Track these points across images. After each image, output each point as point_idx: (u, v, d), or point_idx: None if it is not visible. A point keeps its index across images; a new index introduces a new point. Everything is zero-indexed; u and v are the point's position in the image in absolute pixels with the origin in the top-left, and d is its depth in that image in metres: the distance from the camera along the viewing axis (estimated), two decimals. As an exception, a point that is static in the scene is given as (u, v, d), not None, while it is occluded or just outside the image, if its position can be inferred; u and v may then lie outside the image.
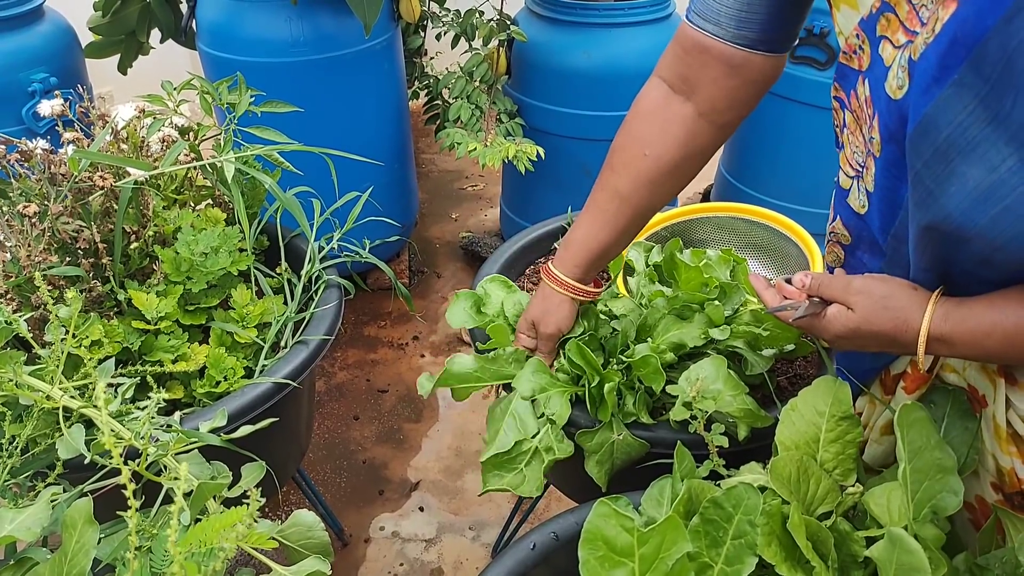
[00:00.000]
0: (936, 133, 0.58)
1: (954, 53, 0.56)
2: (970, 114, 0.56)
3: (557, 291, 1.04)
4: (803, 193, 2.28)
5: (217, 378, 1.14)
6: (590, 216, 1.00)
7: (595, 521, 0.67)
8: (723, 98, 0.87)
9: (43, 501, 0.77)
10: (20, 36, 2.10)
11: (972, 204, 0.58)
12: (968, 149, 0.57)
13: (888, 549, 0.64)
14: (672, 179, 0.94)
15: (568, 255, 1.03)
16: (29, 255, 1.06)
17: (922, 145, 0.60)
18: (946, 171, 0.59)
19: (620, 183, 0.95)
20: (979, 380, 0.75)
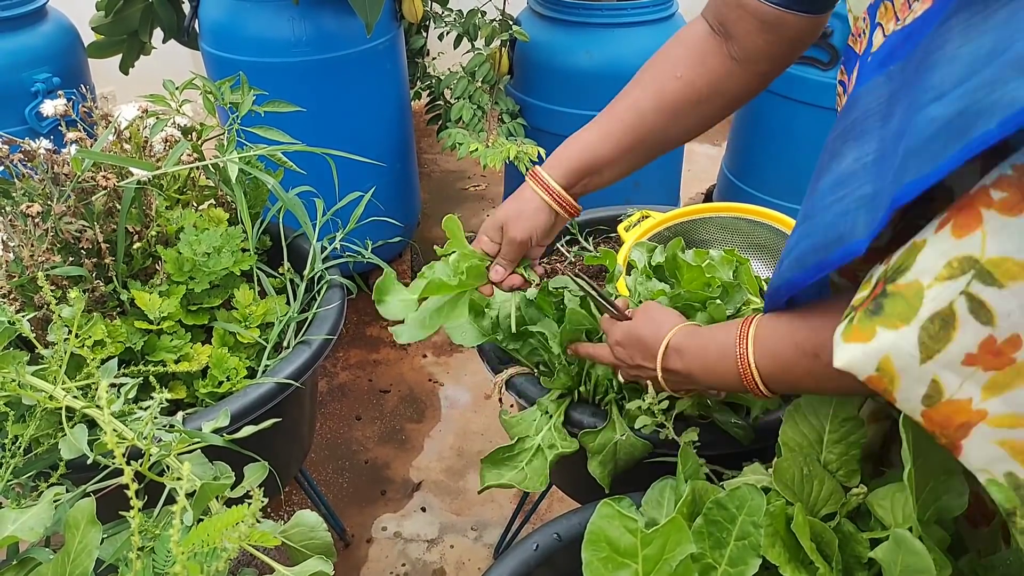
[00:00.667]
0: (852, 111, 0.60)
1: (903, 46, 0.57)
2: (878, 105, 0.58)
3: (538, 193, 0.94)
4: (804, 191, 2.28)
5: (220, 378, 1.14)
6: (599, 124, 0.94)
7: (598, 522, 0.67)
8: (756, 51, 0.86)
9: (46, 501, 0.77)
10: (23, 36, 2.11)
11: (829, 186, 0.60)
12: (858, 134, 0.59)
13: (893, 550, 0.63)
14: (695, 113, 0.91)
15: (561, 157, 0.94)
16: (32, 255, 1.06)
17: (840, 119, 0.62)
18: (840, 148, 0.61)
19: (643, 98, 0.91)
20: None
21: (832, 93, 2.15)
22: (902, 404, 0.52)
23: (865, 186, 0.56)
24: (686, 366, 0.81)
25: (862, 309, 0.54)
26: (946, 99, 0.48)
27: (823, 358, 0.63)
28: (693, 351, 0.80)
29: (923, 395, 0.51)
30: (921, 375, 0.51)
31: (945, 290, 0.48)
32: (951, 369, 0.49)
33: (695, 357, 0.80)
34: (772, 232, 1.46)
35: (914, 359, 0.50)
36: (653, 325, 0.86)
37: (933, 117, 0.48)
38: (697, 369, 0.80)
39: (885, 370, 0.52)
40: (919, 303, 0.49)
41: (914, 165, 0.49)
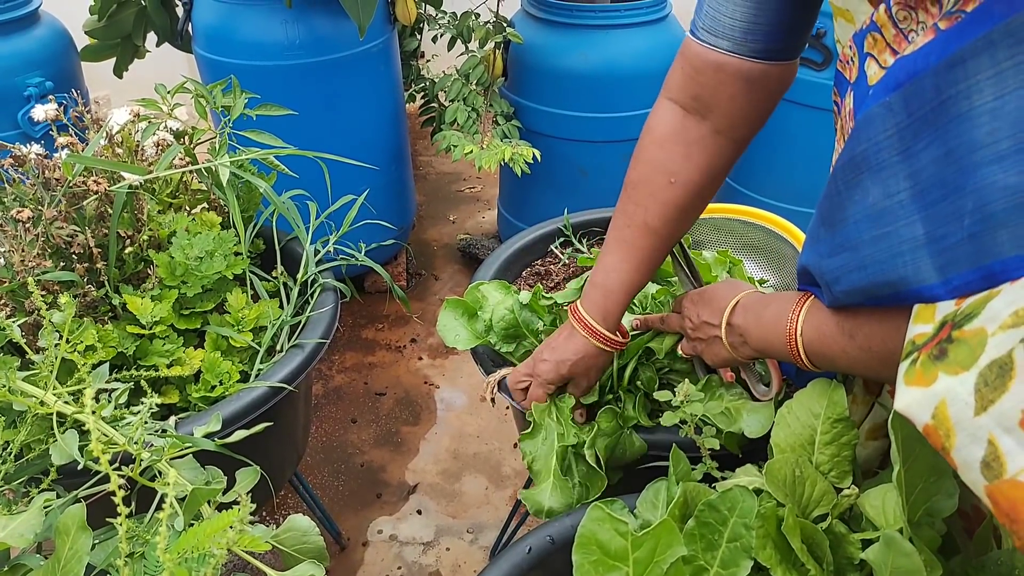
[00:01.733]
0: (858, 142, 0.60)
1: (897, 77, 0.56)
2: (887, 138, 0.57)
3: (599, 347, 0.96)
4: (800, 194, 2.28)
5: (212, 382, 1.13)
6: (623, 256, 0.93)
7: (589, 525, 0.66)
8: (741, 114, 0.85)
9: (36, 507, 0.77)
10: (16, 40, 2.10)
11: (866, 219, 0.60)
12: (876, 168, 0.58)
13: (883, 552, 0.63)
14: (699, 204, 0.92)
15: (607, 304, 0.95)
16: (23, 260, 1.06)
17: (847, 148, 0.62)
18: (856, 179, 0.60)
19: (650, 218, 0.91)
20: None
21: (826, 93, 2.17)
22: (963, 472, 0.49)
23: (913, 227, 0.56)
24: (744, 322, 0.84)
25: (926, 352, 0.52)
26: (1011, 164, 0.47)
27: (857, 339, 0.67)
28: (755, 309, 0.83)
29: (981, 460, 0.48)
30: (976, 431, 0.48)
31: (1007, 338, 0.46)
32: (1008, 430, 0.46)
33: (754, 315, 0.83)
34: (765, 233, 1.46)
35: (968, 407, 0.48)
36: (728, 286, 0.89)
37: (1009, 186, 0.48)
38: (752, 327, 0.82)
39: (940, 420, 0.50)
40: (981, 350, 0.48)
41: (1010, 240, 0.48)
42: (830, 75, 2.09)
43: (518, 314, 1.12)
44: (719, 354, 0.90)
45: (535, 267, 1.48)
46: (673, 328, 1.00)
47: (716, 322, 0.87)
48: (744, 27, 0.79)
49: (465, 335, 1.14)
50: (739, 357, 0.87)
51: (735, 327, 0.85)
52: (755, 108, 0.86)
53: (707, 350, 0.92)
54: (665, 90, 0.90)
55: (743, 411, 0.96)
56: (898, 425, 0.66)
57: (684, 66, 0.86)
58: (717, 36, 0.81)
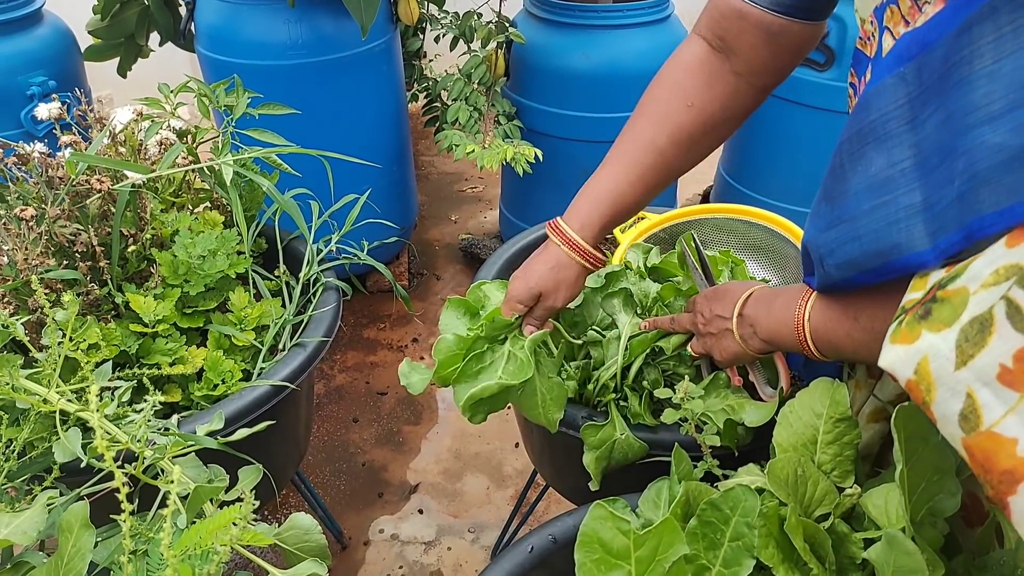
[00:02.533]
0: (865, 114, 0.61)
1: (912, 48, 0.57)
2: (897, 108, 0.58)
3: (573, 258, 0.93)
4: (802, 194, 2.28)
5: (215, 381, 1.14)
6: (618, 168, 0.91)
7: (591, 524, 0.66)
8: (761, 62, 0.86)
9: (39, 505, 0.77)
10: (19, 39, 2.10)
11: (866, 189, 0.61)
12: (882, 138, 0.59)
13: (885, 551, 0.63)
14: (709, 139, 0.91)
15: (590, 211, 0.92)
16: (26, 258, 1.06)
17: (854, 120, 0.63)
18: (860, 150, 0.61)
19: (659, 136, 0.89)
20: None
21: (828, 94, 2.17)
22: (941, 424, 0.51)
23: (911, 194, 0.57)
24: (755, 312, 0.85)
25: (912, 313, 0.54)
26: (1001, 124, 0.48)
27: (861, 321, 0.68)
28: (765, 300, 0.85)
29: (959, 412, 0.49)
30: (955, 384, 0.49)
31: (988, 295, 0.48)
32: (986, 384, 0.48)
33: (765, 305, 0.84)
34: (768, 233, 1.46)
35: (949, 363, 0.50)
36: (740, 283, 0.91)
37: (995, 144, 0.48)
38: (763, 316, 0.84)
39: (922, 375, 0.51)
40: (963, 308, 0.49)
41: (990, 196, 0.49)
42: (832, 76, 2.09)
43: None
44: (729, 348, 0.91)
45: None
46: (684, 327, 1.00)
47: (728, 314, 0.88)
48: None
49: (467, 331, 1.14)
50: (748, 350, 0.88)
51: (746, 318, 0.86)
52: (775, 60, 0.86)
53: (717, 345, 0.92)
54: (695, 27, 0.91)
55: (745, 406, 0.96)
56: (901, 424, 0.66)
57: (712, 7, 0.88)
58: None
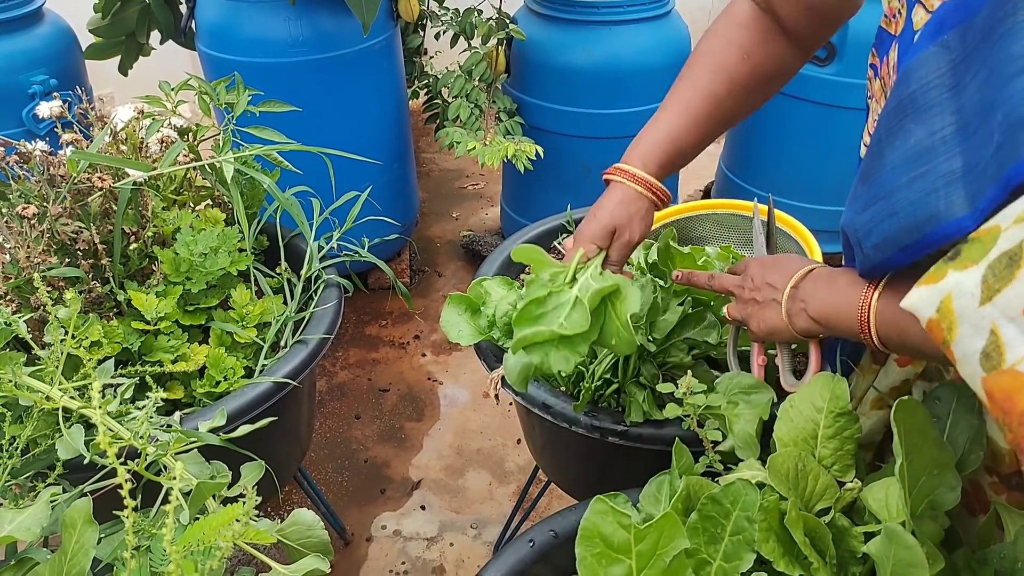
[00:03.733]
0: (906, 86, 0.60)
1: (956, 14, 0.57)
2: (939, 76, 0.58)
3: (640, 192, 0.93)
4: (803, 190, 2.28)
5: (217, 378, 1.14)
6: (676, 115, 0.93)
7: (592, 518, 0.67)
8: (800, 29, 0.89)
9: (43, 501, 0.77)
10: (20, 38, 2.10)
11: (904, 161, 0.60)
12: (922, 109, 0.59)
13: (885, 545, 0.63)
14: (761, 92, 0.94)
15: (650, 152, 0.93)
16: (28, 256, 1.06)
17: (894, 94, 0.62)
18: (899, 123, 0.61)
19: (717, 84, 0.92)
20: None
21: (829, 89, 2.17)
22: (961, 364, 0.49)
23: (951, 160, 0.56)
24: (813, 288, 0.80)
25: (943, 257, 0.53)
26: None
27: None
28: (827, 278, 0.79)
29: (981, 351, 0.47)
30: (979, 321, 0.48)
31: (1019, 231, 0.47)
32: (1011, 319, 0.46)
33: (826, 282, 0.79)
34: (769, 228, 1.46)
35: (974, 299, 0.48)
36: (801, 258, 0.86)
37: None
38: (821, 294, 0.79)
39: (944, 313, 0.50)
40: (992, 244, 0.48)
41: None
42: (833, 71, 2.09)
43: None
44: (768, 320, 0.86)
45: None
46: (724, 288, 0.95)
47: (781, 285, 0.84)
48: None
49: (468, 331, 1.14)
50: (790, 327, 0.83)
51: (801, 291, 0.81)
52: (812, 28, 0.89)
53: (757, 314, 0.88)
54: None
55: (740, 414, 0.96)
56: (900, 418, 0.67)
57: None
58: None
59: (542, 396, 1.08)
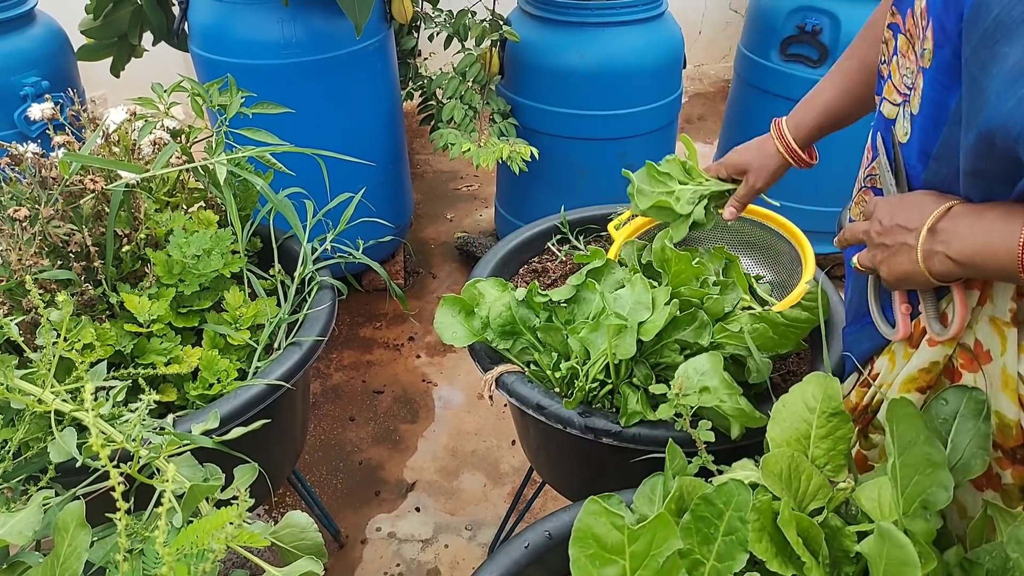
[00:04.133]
0: (987, 14, 0.60)
1: None
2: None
3: (783, 155, 1.08)
4: (796, 190, 2.28)
5: (210, 380, 1.14)
6: (834, 83, 1.03)
7: (585, 519, 0.67)
8: None
9: (35, 505, 0.77)
10: (12, 40, 2.10)
11: (1006, 85, 0.59)
12: (1012, 27, 0.59)
13: (878, 544, 0.64)
14: None
15: (806, 117, 1.06)
16: (20, 259, 1.06)
17: (973, 29, 0.62)
18: (990, 54, 0.61)
19: (871, 55, 0.95)
20: (988, 334, 0.76)
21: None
22: None
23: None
24: (954, 226, 0.71)
25: None
26: None
27: None
28: (973, 213, 0.70)
29: None
30: None
31: None
32: None
33: (971, 219, 0.70)
34: (761, 229, 1.46)
35: None
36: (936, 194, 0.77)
37: None
38: (965, 231, 0.70)
39: None
40: None
41: None
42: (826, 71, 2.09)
43: (515, 311, 1.13)
44: (901, 266, 0.77)
45: (532, 264, 1.48)
46: (854, 237, 0.87)
47: (914, 225, 0.75)
48: None
49: (463, 332, 1.14)
50: (927, 270, 0.74)
51: (939, 232, 0.72)
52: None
53: (889, 261, 0.79)
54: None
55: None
56: (893, 416, 0.67)
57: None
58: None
59: (536, 397, 1.08)
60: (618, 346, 1.03)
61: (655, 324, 1.03)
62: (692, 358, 1.03)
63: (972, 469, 0.73)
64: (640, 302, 1.07)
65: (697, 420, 0.95)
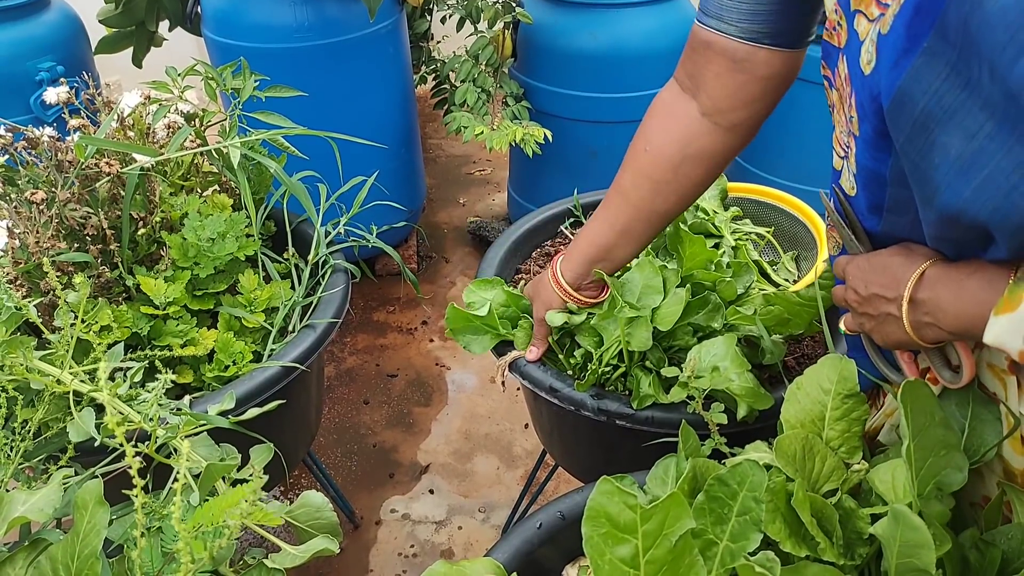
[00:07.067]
0: (912, 105, 0.57)
1: (920, 21, 0.55)
2: (944, 80, 0.54)
3: (553, 288, 1.07)
4: (811, 173, 2.26)
5: (226, 362, 1.15)
6: (598, 214, 1.01)
7: (598, 498, 0.67)
8: (726, 95, 0.85)
9: (55, 483, 0.78)
10: (27, 25, 2.11)
11: (956, 175, 0.56)
12: (945, 118, 0.55)
13: (892, 526, 0.63)
14: (673, 180, 0.92)
15: (572, 254, 1.04)
16: (38, 241, 1.07)
17: (900, 119, 0.59)
18: (927, 143, 0.57)
19: (624, 179, 0.96)
20: (989, 379, 0.73)
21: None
22: None
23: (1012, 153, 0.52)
24: (935, 296, 0.66)
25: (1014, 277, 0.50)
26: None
27: None
28: (952, 279, 0.66)
29: None
30: None
31: None
32: None
33: (952, 286, 0.65)
34: (777, 212, 1.45)
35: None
36: (905, 252, 0.71)
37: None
38: (949, 302, 0.65)
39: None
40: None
41: None
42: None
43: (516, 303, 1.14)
44: (893, 335, 0.73)
45: (545, 248, 1.48)
46: (838, 302, 0.83)
47: (892, 295, 0.71)
48: (736, 6, 0.80)
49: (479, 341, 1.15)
50: (921, 340, 0.70)
51: (921, 303, 0.67)
52: (742, 91, 0.84)
53: (879, 329, 0.74)
54: (676, 70, 0.92)
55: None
56: (907, 399, 0.66)
57: (687, 47, 0.88)
58: (711, 17, 0.83)
59: (549, 380, 1.08)
60: (632, 335, 1.02)
61: (673, 313, 1.02)
62: (705, 340, 1.03)
63: (988, 455, 0.72)
64: (650, 285, 1.06)
65: (710, 403, 0.95)
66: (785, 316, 1.06)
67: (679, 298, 1.04)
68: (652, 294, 1.05)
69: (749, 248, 1.24)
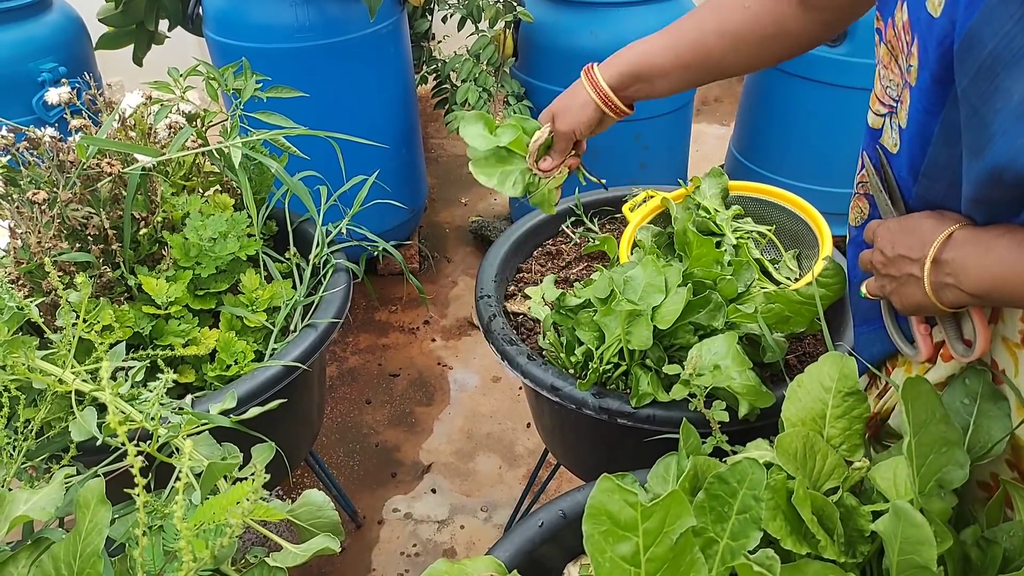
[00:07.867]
0: (981, 47, 0.57)
1: None
2: (1017, 22, 0.54)
3: (587, 91, 1.01)
4: (814, 172, 2.26)
5: (228, 362, 1.15)
6: (661, 35, 0.97)
7: (599, 496, 0.67)
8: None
9: (57, 482, 0.78)
10: (29, 26, 2.11)
11: (1014, 121, 0.55)
12: (1013, 61, 0.55)
13: (893, 523, 0.63)
14: (756, 48, 0.93)
15: (616, 59, 1.00)
16: (39, 241, 1.07)
17: (967, 60, 0.58)
18: (991, 87, 0.57)
19: (708, 20, 0.93)
20: (1001, 354, 0.74)
21: (841, 69, 2.14)
22: None
23: None
24: (961, 256, 0.67)
25: None
26: None
27: None
28: (980, 241, 0.66)
29: None
30: None
31: None
32: None
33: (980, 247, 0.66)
34: (779, 211, 1.45)
35: None
36: (936, 216, 0.72)
37: None
38: (974, 261, 0.66)
39: None
40: None
41: None
42: (844, 51, 2.06)
43: None
44: (912, 297, 0.73)
45: (546, 247, 1.48)
46: (863, 266, 0.82)
47: (917, 256, 0.71)
48: None
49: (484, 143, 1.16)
50: (938, 303, 0.70)
51: (945, 264, 0.68)
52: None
53: (899, 291, 0.75)
54: None
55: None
56: (908, 395, 0.66)
57: None
58: None
59: (550, 379, 1.08)
60: (632, 334, 1.02)
61: (673, 311, 1.02)
62: (706, 339, 1.02)
63: (995, 449, 0.72)
64: (652, 284, 1.06)
65: (711, 401, 0.95)
66: (786, 314, 1.06)
67: (680, 297, 1.03)
68: (654, 293, 1.05)
69: (750, 246, 1.24)
